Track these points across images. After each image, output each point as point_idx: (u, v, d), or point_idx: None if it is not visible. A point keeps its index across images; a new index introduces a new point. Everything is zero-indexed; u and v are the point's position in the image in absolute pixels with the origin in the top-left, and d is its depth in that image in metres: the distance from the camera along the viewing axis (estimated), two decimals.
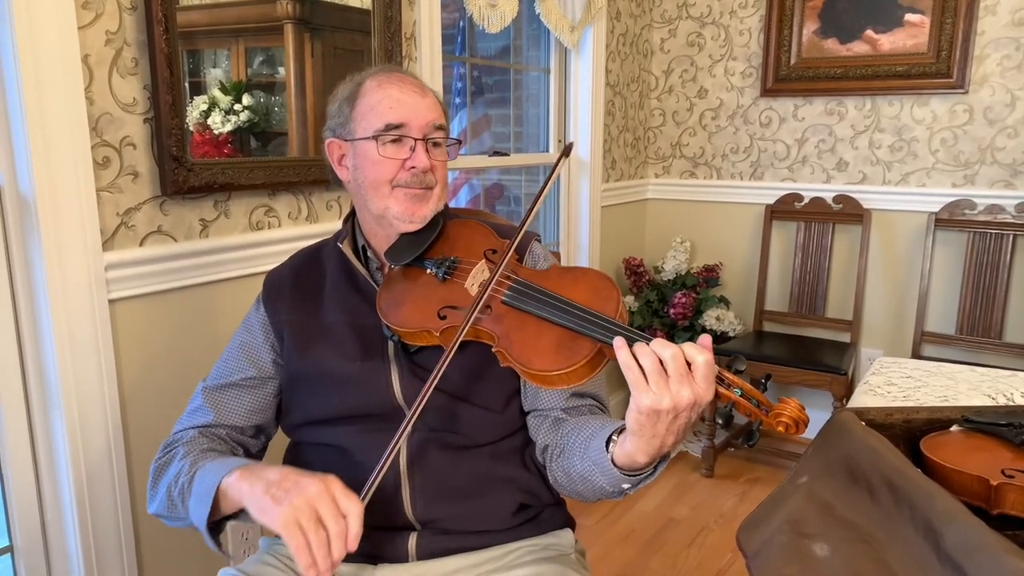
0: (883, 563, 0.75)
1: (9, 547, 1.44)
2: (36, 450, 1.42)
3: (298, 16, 1.76)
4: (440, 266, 1.11)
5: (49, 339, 1.37)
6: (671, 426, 0.86)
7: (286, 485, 0.92)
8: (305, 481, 0.91)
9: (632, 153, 3.43)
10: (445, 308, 1.06)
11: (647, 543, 2.49)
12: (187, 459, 1.07)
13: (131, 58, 1.45)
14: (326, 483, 0.91)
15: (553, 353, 0.96)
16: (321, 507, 0.89)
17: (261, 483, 0.94)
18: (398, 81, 1.14)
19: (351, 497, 0.91)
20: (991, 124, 2.83)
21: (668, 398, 0.83)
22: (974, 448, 0.94)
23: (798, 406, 0.86)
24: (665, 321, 3.21)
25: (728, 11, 3.28)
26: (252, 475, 0.96)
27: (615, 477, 0.95)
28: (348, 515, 0.89)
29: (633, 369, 0.85)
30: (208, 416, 1.16)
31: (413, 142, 1.11)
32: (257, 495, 0.93)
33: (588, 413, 1.14)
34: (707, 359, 0.84)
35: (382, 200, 1.13)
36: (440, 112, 1.16)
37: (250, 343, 1.20)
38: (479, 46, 2.81)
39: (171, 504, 1.07)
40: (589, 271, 1.07)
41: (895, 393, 1.38)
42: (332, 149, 1.18)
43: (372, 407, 1.12)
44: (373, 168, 1.12)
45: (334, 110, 1.18)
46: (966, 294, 2.86)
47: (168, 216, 1.55)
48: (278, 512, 0.89)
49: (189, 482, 1.03)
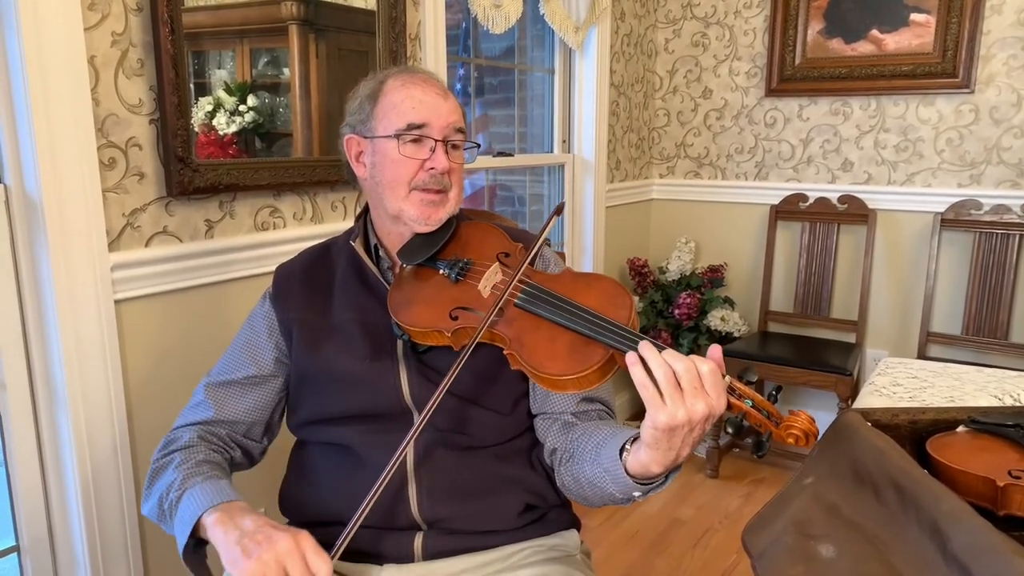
0: (889, 564, 0.75)
1: (15, 546, 1.45)
2: (42, 450, 1.43)
3: (303, 17, 1.76)
4: (453, 267, 1.11)
5: (55, 339, 1.37)
6: (687, 438, 0.86)
7: (258, 538, 0.91)
8: (277, 536, 0.91)
9: (636, 153, 3.43)
10: (457, 309, 1.06)
11: (652, 544, 2.49)
12: (180, 471, 1.06)
13: (137, 59, 1.45)
14: (297, 540, 0.90)
15: (565, 358, 0.96)
16: (290, 564, 0.88)
17: (235, 532, 0.93)
18: (421, 82, 1.15)
19: (321, 555, 0.90)
20: (997, 124, 2.82)
21: (683, 411, 0.83)
22: (980, 449, 0.93)
23: (808, 419, 0.86)
24: (670, 322, 3.20)
25: (733, 11, 3.28)
26: (229, 521, 0.96)
27: (627, 485, 0.95)
28: (317, 574, 0.89)
29: (648, 387, 0.85)
30: (209, 412, 1.17)
31: (433, 143, 1.11)
32: (229, 545, 0.92)
33: (597, 418, 1.14)
34: (712, 368, 0.85)
35: (398, 202, 1.13)
36: (460, 115, 1.17)
37: (253, 341, 1.20)
38: (483, 47, 2.81)
39: (161, 514, 1.07)
40: (602, 277, 1.07)
41: (901, 394, 1.37)
42: (350, 145, 1.18)
43: (380, 407, 1.12)
44: (392, 167, 1.12)
45: (355, 107, 1.18)
46: (972, 294, 2.85)
47: (174, 217, 1.56)
48: (246, 566, 0.88)
49: (177, 500, 1.03)
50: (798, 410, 0.87)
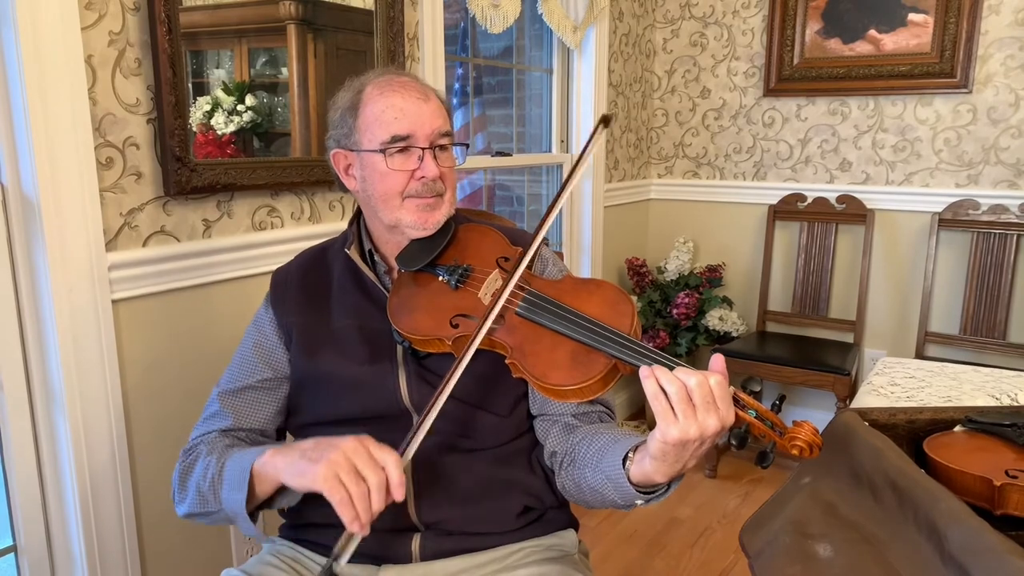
0: (886, 564, 0.75)
1: (13, 547, 1.44)
2: (40, 450, 1.43)
3: (301, 17, 1.76)
4: (452, 274, 1.10)
5: (53, 339, 1.37)
6: (695, 452, 0.86)
7: (321, 445, 0.93)
8: (339, 440, 0.92)
9: (635, 153, 3.43)
10: (457, 317, 1.06)
11: (650, 543, 2.49)
12: (213, 455, 1.07)
13: (134, 59, 1.45)
14: (360, 439, 0.92)
15: (568, 368, 0.96)
16: (358, 460, 0.89)
17: (295, 452, 0.95)
18: (400, 87, 1.12)
19: (387, 449, 0.91)
20: (995, 124, 2.83)
21: (695, 427, 0.82)
22: (977, 449, 0.93)
23: (812, 430, 0.85)
24: (668, 321, 3.21)
25: (731, 11, 3.28)
26: (286, 449, 0.98)
27: (629, 494, 0.95)
28: (386, 466, 0.90)
29: (660, 399, 0.84)
30: (227, 421, 1.15)
31: (421, 151, 1.10)
32: (293, 461, 0.94)
33: (598, 420, 1.13)
34: (720, 380, 0.84)
35: (393, 212, 1.12)
36: (444, 116, 1.14)
37: (264, 344, 1.19)
38: (482, 46, 2.81)
39: (202, 500, 1.06)
40: (604, 284, 1.06)
41: (898, 393, 1.37)
42: (338, 160, 1.17)
43: (380, 410, 1.12)
44: (382, 180, 1.11)
45: (336, 119, 1.15)
46: (970, 294, 2.86)
47: (171, 216, 1.55)
48: (316, 470, 0.89)
49: (219, 473, 1.03)
50: (802, 420, 0.86)
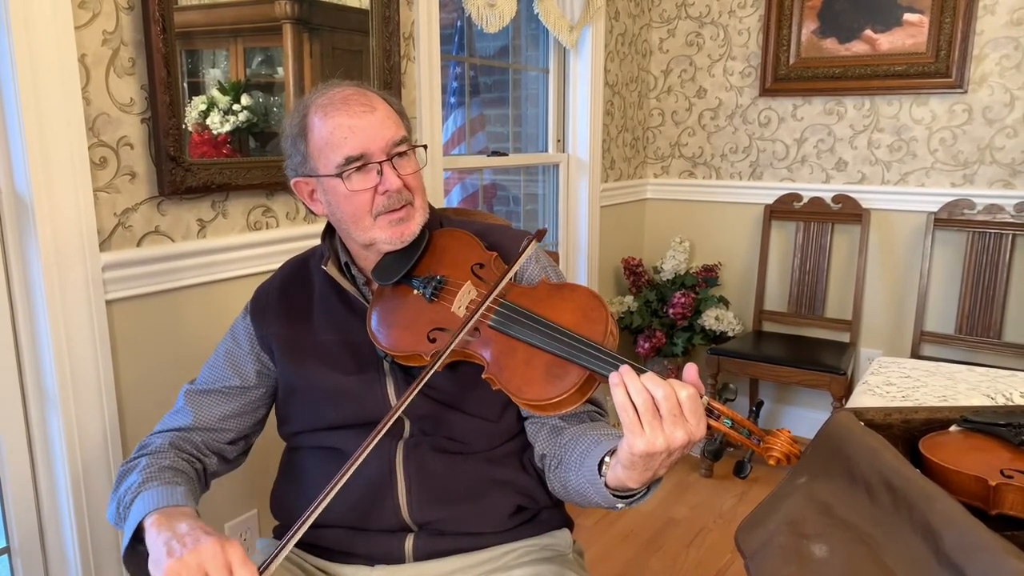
0: (882, 564, 0.75)
1: (6, 548, 1.44)
2: (33, 451, 1.42)
3: (297, 16, 1.75)
4: (427, 286, 1.09)
5: (46, 340, 1.36)
6: (664, 461, 0.86)
7: (186, 540, 0.89)
8: (205, 540, 0.88)
9: (631, 153, 3.43)
10: (434, 331, 1.05)
11: (646, 543, 2.49)
12: (142, 474, 1.05)
13: (128, 58, 1.44)
14: (224, 547, 0.87)
15: (542, 382, 0.95)
16: (212, 570, 0.86)
17: (167, 534, 0.91)
18: (342, 104, 1.07)
19: (248, 567, 0.87)
20: (990, 124, 2.83)
21: (662, 439, 0.82)
22: (973, 448, 0.93)
23: (789, 438, 0.85)
24: (664, 321, 3.21)
25: (727, 11, 3.28)
26: (166, 522, 0.94)
27: (608, 498, 0.95)
28: None
29: (628, 411, 0.84)
30: (188, 418, 1.16)
31: (379, 166, 1.06)
32: (158, 545, 0.90)
33: (588, 420, 1.13)
34: (691, 394, 0.83)
35: (367, 232, 1.09)
36: (396, 122, 1.10)
37: (235, 352, 1.20)
38: (478, 46, 2.80)
39: (118, 517, 1.05)
40: (578, 289, 1.05)
41: (894, 393, 1.38)
42: (300, 188, 1.14)
43: (369, 416, 1.11)
44: (347, 202, 1.08)
45: (288, 147, 1.12)
46: (965, 294, 2.86)
47: (166, 216, 1.55)
48: (167, 564, 0.86)
49: (130, 503, 1.02)
50: (779, 429, 0.86)
